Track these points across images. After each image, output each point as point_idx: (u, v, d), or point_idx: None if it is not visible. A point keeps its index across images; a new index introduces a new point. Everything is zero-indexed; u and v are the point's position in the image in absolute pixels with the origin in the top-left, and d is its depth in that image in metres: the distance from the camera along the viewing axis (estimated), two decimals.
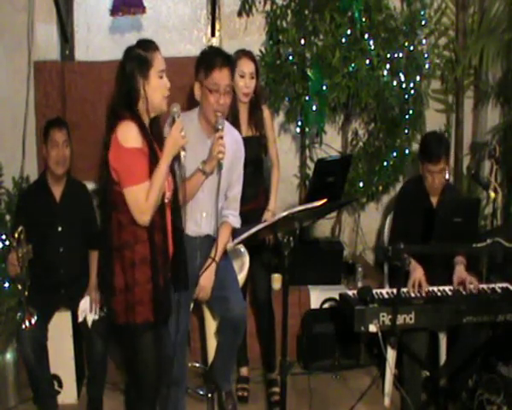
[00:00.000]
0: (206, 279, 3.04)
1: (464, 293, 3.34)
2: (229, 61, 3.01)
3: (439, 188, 3.52)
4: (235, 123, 3.36)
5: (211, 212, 3.07)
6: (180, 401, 3.17)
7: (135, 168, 2.49)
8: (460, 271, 3.42)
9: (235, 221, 3.14)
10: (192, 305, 3.22)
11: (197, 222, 3.08)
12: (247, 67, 3.46)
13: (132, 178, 2.49)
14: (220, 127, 2.92)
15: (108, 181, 2.56)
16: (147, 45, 2.59)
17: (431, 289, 3.36)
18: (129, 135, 2.49)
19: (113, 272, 2.56)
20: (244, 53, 3.52)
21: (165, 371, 2.84)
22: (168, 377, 2.98)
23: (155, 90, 2.56)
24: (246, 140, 3.27)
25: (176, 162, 2.68)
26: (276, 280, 4.11)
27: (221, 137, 2.90)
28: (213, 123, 2.97)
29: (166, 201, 2.64)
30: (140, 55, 2.54)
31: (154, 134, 2.66)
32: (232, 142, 3.09)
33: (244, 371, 3.80)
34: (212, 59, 2.98)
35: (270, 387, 3.72)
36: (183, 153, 2.62)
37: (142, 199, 2.48)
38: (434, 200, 3.57)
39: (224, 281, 3.11)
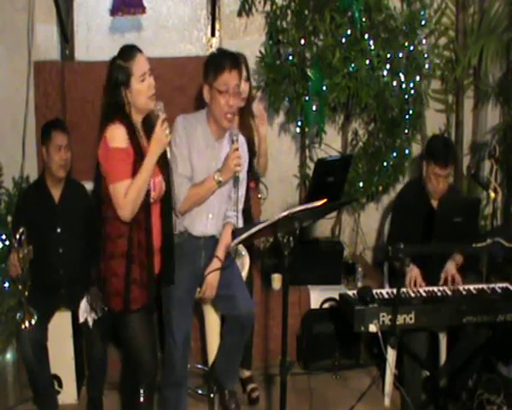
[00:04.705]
0: (213, 277, 3.05)
1: (464, 293, 3.34)
2: (237, 62, 3.02)
3: (441, 192, 3.50)
4: None
5: (217, 213, 3.10)
6: (183, 401, 3.16)
7: (118, 167, 2.64)
8: (449, 268, 3.42)
9: (239, 222, 3.14)
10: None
11: (203, 223, 3.08)
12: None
13: (115, 175, 2.64)
14: (235, 138, 2.95)
15: (99, 177, 2.72)
16: (127, 54, 2.71)
17: (431, 289, 3.36)
18: (115, 136, 2.64)
19: (99, 262, 2.74)
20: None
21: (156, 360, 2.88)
22: (173, 377, 3.00)
23: (138, 94, 2.70)
24: None
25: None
26: (276, 280, 4.11)
27: (237, 149, 2.92)
28: (224, 126, 2.99)
29: (152, 200, 2.73)
30: (120, 66, 2.68)
31: (146, 132, 2.77)
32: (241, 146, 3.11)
33: (246, 373, 3.76)
34: (221, 61, 2.98)
35: (246, 384, 3.70)
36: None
37: (121, 195, 2.62)
38: (435, 202, 3.55)
39: (230, 280, 3.12)
